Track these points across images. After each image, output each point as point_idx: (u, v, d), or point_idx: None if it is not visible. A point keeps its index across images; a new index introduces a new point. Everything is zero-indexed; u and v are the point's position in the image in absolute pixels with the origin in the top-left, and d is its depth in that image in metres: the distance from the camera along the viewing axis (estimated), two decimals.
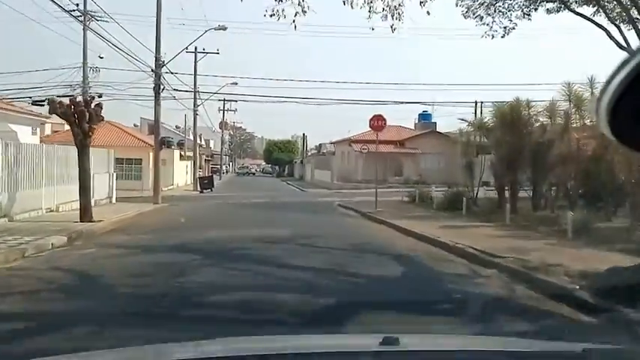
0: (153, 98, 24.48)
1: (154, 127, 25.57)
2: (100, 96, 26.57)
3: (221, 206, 24.74)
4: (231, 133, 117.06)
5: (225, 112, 67.87)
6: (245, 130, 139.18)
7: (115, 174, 25.68)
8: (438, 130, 48.70)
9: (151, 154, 40.83)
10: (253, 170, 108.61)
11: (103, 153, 24.56)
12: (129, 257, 10.42)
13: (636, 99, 0.84)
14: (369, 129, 22.37)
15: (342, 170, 42.57)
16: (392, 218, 16.87)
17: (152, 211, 21.06)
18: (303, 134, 75.31)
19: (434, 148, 44.05)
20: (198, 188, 38.78)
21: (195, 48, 38.69)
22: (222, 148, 71.73)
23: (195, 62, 38.83)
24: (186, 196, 34.48)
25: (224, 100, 68.44)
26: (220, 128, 69.43)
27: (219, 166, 72.01)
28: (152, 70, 24.37)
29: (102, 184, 22.96)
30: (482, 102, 42.41)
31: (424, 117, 54.15)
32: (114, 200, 24.87)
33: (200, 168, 63.93)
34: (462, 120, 27.08)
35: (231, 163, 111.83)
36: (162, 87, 24.59)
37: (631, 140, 0.92)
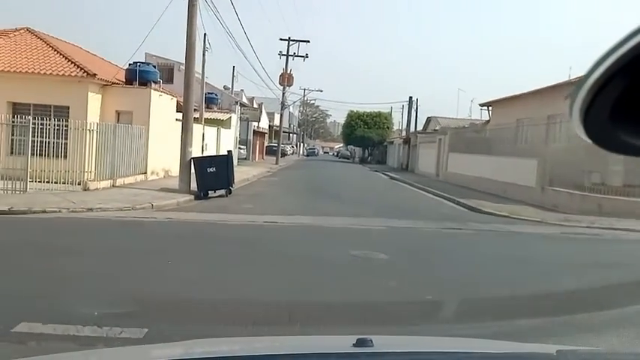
0: None
1: None
2: None
3: None
4: (302, 109, 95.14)
5: (291, 57, 44.07)
6: (318, 107, 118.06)
7: None
8: None
9: (92, 95, 17.27)
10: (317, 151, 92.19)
11: None
12: None
13: (611, 98, 0.81)
14: None
15: (555, 162, 16.85)
16: None
17: None
18: (410, 98, 49.85)
19: None
20: (196, 186, 14.61)
21: None
22: (281, 115, 47.90)
23: None
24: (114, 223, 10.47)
25: (288, 39, 45.10)
26: (281, 84, 45.44)
27: (286, 145, 49.02)
28: None
29: None
30: None
31: None
32: None
33: (243, 145, 40.66)
34: None
35: (299, 144, 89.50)
36: None
37: (605, 141, 0.89)
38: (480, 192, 20.37)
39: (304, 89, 70.48)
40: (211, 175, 15.39)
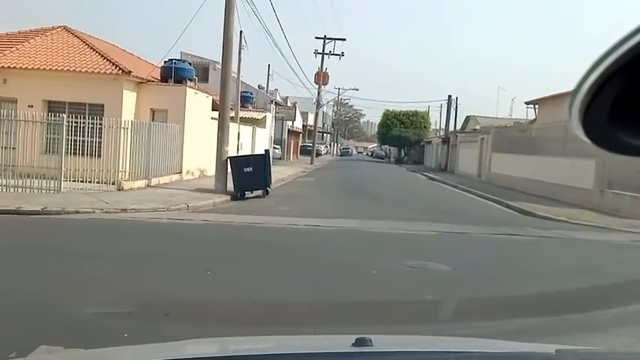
0: None
1: None
2: None
3: None
4: (335, 108, 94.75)
5: (326, 55, 43.48)
6: (352, 106, 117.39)
7: None
8: None
9: (128, 92, 16.99)
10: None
11: None
12: None
13: (610, 98, 0.83)
14: None
15: (613, 163, 15.74)
16: None
17: None
18: (449, 97, 48.56)
19: None
20: (232, 187, 14.11)
21: None
22: (316, 114, 47.34)
23: None
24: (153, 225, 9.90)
25: (324, 37, 44.47)
26: (316, 82, 44.85)
27: (319, 145, 48.28)
28: None
29: None
30: None
31: None
32: None
33: (278, 145, 40.13)
34: None
35: (333, 143, 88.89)
36: None
37: (605, 141, 0.90)
38: (528, 194, 19.34)
39: (339, 88, 69.80)
40: (248, 175, 14.86)
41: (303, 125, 57.92)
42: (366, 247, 9.12)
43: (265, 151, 16.74)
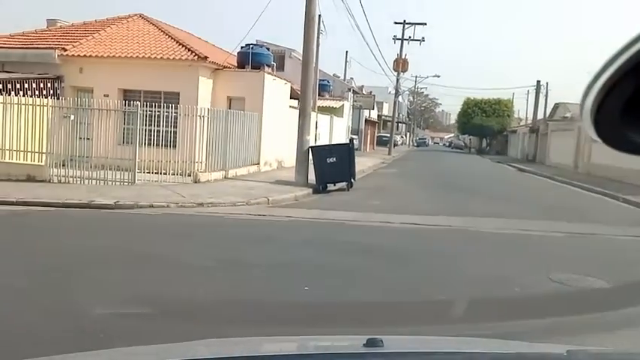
0: None
1: None
2: None
3: None
4: (411, 98, 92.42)
5: (406, 41, 41.66)
6: (427, 95, 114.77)
7: None
8: None
9: (203, 79, 16.21)
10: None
11: None
12: None
13: (622, 98, 0.83)
14: None
15: None
16: None
17: None
18: (538, 83, 45.36)
19: None
20: (313, 178, 12.94)
21: None
22: (395, 103, 45.64)
23: None
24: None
25: (403, 22, 42.61)
26: (395, 69, 43.09)
27: (395, 135, 46.46)
28: None
29: None
30: None
31: None
32: None
33: (355, 135, 38.72)
34: None
35: (408, 134, 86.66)
36: None
37: (616, 141, 0.90)
38: None
39: (416, 77, 67.29)
40: (331, 167, 13.64)
41: (377, 115, 56.38)
42: (487, 253, 7.63)
43: (350, 140, 15.49)
